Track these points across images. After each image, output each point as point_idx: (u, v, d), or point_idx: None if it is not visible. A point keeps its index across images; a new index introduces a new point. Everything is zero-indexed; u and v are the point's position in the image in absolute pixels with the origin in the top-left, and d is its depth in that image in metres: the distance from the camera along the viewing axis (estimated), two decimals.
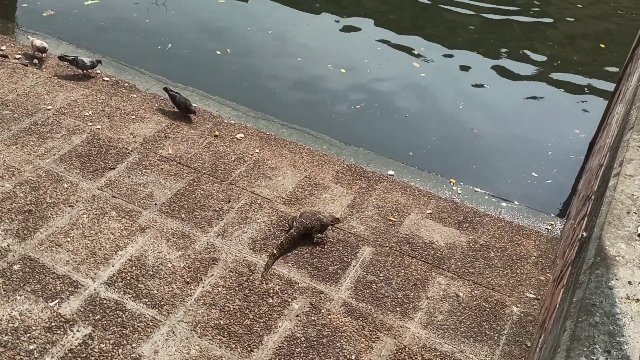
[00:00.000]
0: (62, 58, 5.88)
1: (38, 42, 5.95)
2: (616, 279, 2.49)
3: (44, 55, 6.03)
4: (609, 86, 7.09)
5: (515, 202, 5.25)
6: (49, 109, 5.13)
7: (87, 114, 5.22)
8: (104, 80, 5.97)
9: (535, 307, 3.90)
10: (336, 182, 5.08)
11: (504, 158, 6.01)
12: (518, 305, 3.87)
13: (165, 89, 5.66)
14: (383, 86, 6.89)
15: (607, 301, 2.42)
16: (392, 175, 5.39)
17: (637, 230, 2.70)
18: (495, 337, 3.55)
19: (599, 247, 2.73)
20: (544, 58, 7.63)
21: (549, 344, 2.77)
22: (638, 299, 2.40)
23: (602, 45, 7.91)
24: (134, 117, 5.29)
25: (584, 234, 3.13)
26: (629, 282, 2.47)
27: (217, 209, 4.23)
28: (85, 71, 5.92)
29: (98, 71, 6.01)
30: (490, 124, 6.49)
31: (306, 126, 6.03)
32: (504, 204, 5.19)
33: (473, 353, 3.45)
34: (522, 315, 3.70)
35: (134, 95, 5.82)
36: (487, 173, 5.77)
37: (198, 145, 5.01)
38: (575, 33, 8.27)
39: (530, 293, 4.01)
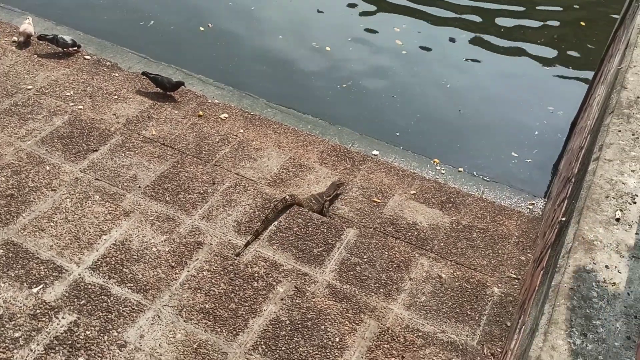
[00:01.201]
0: (41, 38, 5.75)
1: (22, 27, 5.79)
2: (594, 264, 2.53)
3: (30, 39, 5.88)
4: (591, 64, 7.10)
5: (497, 182, 5.30)
6: (30, 89, 5.03)
7: (68, 94, 5.13)
8: (85, 58, 5.86)
9: (515, 287, 3.97)
10: (321, 163, 5.07)
11: (486, 137, 6.03)
12: (499, 285, 3.93)
13: (145, 74, 5.56)
14: (368, 64, 6.84)
15: (585, 285, 2.46)
16: (377, 155, 5.40)
17: (615, 215, 2.74)
18: (477, 318, 3.61)
19: (578, 231, 2.76)
20: (527, 35, 7.61)
21: (528, 326, 2.82)
22: (614, 283, 2.44)
23: (583, 24, 7.90)
24: (116, 97, 5.21)
25: (563, 219, 3.17)
26: (606, 267, 2.51)
27: (202, 191, 4.21)
28: (66, 49, 5.80)
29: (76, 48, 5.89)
30: (472, 102, 6.49)
31: (291, 106, 6.00)
32: (486, 184, 5.23)
33: (455, 333, 3.51)
34: (503, 295, 3.76)
35: (116, 75, 5.73)
36: (470, 152, 5.80)
37: (182, 126, 4.96)
38: (557, 11, 8.23)
39: (511, 273, 4.07)
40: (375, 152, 5.44)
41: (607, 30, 5.86)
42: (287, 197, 4.14)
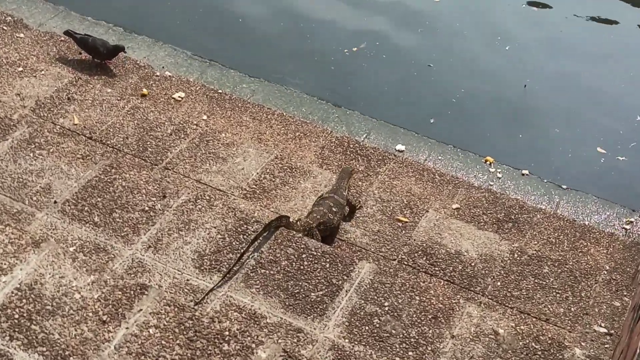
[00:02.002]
0: None
1: None
2: None
3: None
4: None
5: (578, 191, 5.29)
6: None
7: None
8: None
9: (607, 347, 3.95)
10: (321, 163, 5.07)
11: (561, 125, 6.02)
12: (582, 344, 3.92)
13: (68, 34, 5.59)
14: (388, 18, 6.85)
15: None
16: (402, 151, 5.41)
17: None
18: None
19: None
20: None
21: None
22: None
23: None
24: (21, 69, 5.21)
25: None
26: None
27: (147, 208, 4.20)
28: None
29: None
30: (541, 72, 6.47)
31: (277, 80, 5.99)
32: (562, 194, 5.22)
33: None
34: (588, 359, 3.76)
35: (21, 36, 5.73)
36: (539, 147, 5.79)
37: (117, 111, 4.96)
38: None
39: (600, 326, 4.06)
40: (400, 147, 5.45)
41: None
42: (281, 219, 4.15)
